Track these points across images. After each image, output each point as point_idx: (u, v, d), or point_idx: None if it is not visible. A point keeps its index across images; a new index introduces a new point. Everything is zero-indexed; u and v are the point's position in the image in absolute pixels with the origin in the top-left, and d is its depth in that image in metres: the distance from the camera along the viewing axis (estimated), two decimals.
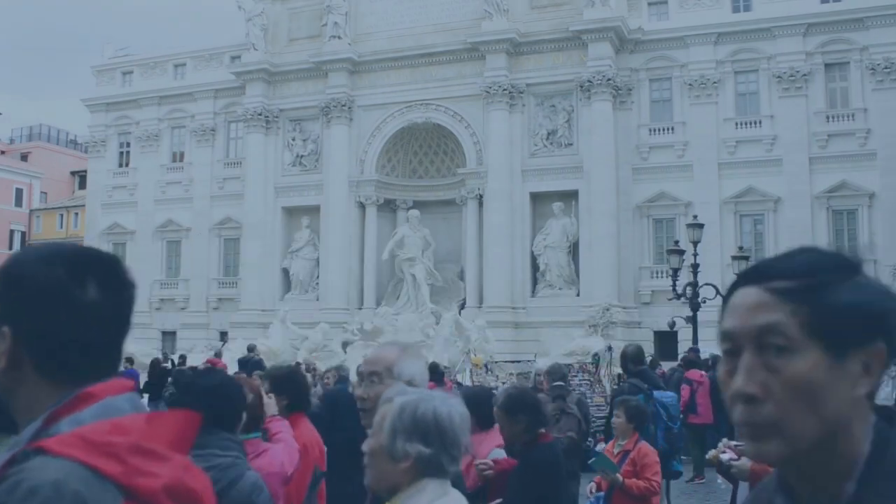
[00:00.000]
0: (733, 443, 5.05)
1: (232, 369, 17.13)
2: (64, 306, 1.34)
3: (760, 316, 1.14)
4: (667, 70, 33.38)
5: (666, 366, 19.18)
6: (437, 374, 15.26)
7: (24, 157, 62.84)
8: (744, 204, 32.04)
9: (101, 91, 43.14)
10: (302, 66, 37.10)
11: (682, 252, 22.53)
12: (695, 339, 21.95)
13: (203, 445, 3.16)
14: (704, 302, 22.26)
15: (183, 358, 24.17)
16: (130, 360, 21.69)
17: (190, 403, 3.24)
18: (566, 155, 33.03)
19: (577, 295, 31.97)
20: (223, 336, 35.88)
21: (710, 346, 22.20)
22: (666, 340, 29.02)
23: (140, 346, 29.11)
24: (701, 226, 22.72)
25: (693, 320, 22.07)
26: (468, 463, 5.00)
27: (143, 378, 19.99)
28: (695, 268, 21.84)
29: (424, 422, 2.16)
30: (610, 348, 20.24)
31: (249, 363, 18.81)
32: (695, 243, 22.22)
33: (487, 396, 5.18)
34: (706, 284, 22.09)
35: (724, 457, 5.03)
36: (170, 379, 17.85)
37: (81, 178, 55.98)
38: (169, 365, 21.61)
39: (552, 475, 4.71)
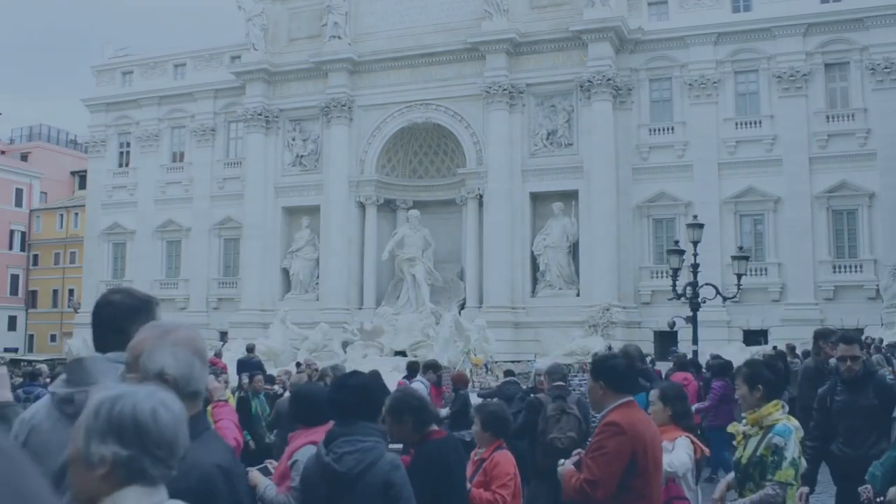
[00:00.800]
0: (582, 451, 4.93)
1: (231, 370, 17.11)
2: None
3: None
4: (667, 70, 33.37)
5: (664, 366, 19.14)
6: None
7: (24, 157, 62.82)
8: (744, 204, 32.03)
9: (101, 91, 43.15)
10: (302, 66, 37.09)
11: (682, 252, 22.50)
12: (695, 339, 21.98)
13: (350, 433, 3.99)
14: (704, 302, 22.27)
15: None
16: None
17: (342, 399, 4.10)
18: (566, 155, 33.02)
19: (577, 295, 31.97)
20: (223, 336, 35.86)
21: (709, 347, 22.25)
22: (666, 340, 29.00)
23: None
24: (701, 226, 22.70)
25: (693, 320, 22.08)
26: (283, 469, 4.93)
27: None
28: (695, 268, 21.82)
29: (121, 420, 1.85)
30: (610, 348, 20.26)
31: (248, 364, 18.73)
32: (695, 243, 22.20)
33: (316, 393, 5.13)
34: (706, 284, 22.12)
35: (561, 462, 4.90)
36: None
37: (81, 178, 55.99)
38: None
39: (442, 470, 4.77)
